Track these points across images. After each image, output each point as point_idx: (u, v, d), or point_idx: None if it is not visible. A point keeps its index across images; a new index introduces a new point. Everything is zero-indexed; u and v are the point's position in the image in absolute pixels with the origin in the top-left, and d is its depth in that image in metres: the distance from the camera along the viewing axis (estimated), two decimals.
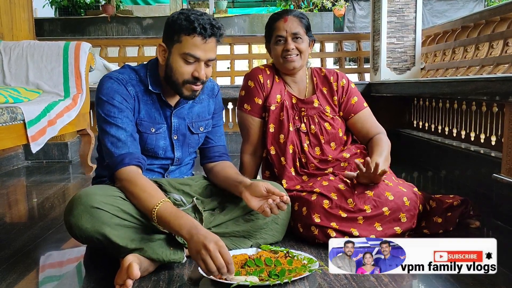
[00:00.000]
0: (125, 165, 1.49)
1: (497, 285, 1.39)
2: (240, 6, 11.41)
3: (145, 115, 1.62)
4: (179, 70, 1.53)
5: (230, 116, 4.61)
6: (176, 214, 1.38)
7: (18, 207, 2.58)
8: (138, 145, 1.57)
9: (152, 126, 1.63)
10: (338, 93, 1.98)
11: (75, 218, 1.39)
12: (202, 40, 1.50)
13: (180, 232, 1.35)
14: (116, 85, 1.57)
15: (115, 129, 1.53)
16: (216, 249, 1.28)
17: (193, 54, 1.50)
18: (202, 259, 1.28)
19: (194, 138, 1.75)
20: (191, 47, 1.50)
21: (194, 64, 1.53)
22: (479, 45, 3.50)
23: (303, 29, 1.88)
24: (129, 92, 1.58)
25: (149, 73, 1.63)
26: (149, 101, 1.63)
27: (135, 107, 1.60)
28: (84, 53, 3.26)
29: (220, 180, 1.73)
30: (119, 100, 1.55)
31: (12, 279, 1.49)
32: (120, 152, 1.51)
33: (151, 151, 1.66)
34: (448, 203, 1.90)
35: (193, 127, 1.73)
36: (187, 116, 1.71)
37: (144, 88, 1.62)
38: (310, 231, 1.71)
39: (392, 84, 3.80)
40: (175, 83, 1.56)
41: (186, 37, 1.50)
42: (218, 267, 1.28)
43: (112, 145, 1.52)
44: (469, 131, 2.98)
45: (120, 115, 1.54)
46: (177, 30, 1.51)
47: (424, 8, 9.42)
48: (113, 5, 7.90)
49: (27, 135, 2.52)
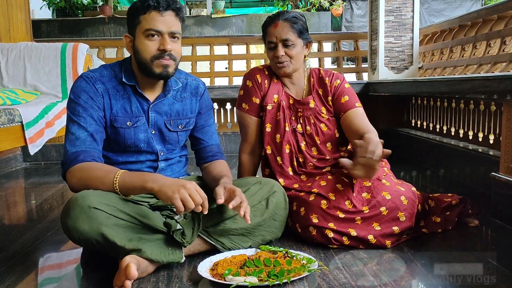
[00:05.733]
0: (79, 162, 1.50)
1: (497, 285, 1.38)
2: (238, 6, 11.40)
3: (120, 110, 1.63)
4: (145, 48, 1.56)
5: (229, 116, 4.61)
6: (135, 174, 1.46)
7: (17, 209, 2.58)
8: (97, 146, 1.58)
9: (128, 120, 1.64)
10: (331, 93, 1.97)
11: (72, 220, 1.39)
12: (158, 14, 1.54)
13: (146, 184, 1.39)
14: (84, 83, 1.60)
15: (76, 127, 1.56)
16: (193, 188, 1.36)
17: (153, 28, 1.54)
18: (181, 197, 1.34)
19: (173, 135, 1.73)
20: (150, 22, 1.54)
21: (158, 39, 1.56)
22: (477, 44, 3.50)
23: (294, 34, 1.87)
24: (97, 89, 1.60)
25: (124, 67, 1.66)
26: (124, 95, 1.64)
27: (105, 104, 1.61)
28: (81, 54, 3.25)
29: (209, 181, 1.75)
30: (84, 98, 1.58)
31: (11, 281, 1.48)
32: (75, 150, 1.53)
33: (133, 146, 1.66)
34: (446, 202, 1.91)
35: (171, 125, 1.72)
36: (166, 113, 1.70)
37: (118, 82, 1.64)
38: (308, 232, 1.71)
39: (390, 83, 3.80)
40: (145, 64, 1.58)
41: (144, 15, 1.55)
42: (197, 203, 1.36)
43: (69, 142, 1.55)
44: (467, 130, 2.98)
45: (84, 114, 1.57)
46: (135, 13, 1.57)
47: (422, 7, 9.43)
48: (111, 6, 7.90)
49: (25, 137, 2.51)
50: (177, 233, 1.49)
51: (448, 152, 3.07)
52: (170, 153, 1.75)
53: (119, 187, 1.43)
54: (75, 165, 1.49)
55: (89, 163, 1.50)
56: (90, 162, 1.51)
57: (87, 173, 1.48)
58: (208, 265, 1.48)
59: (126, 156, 1.68)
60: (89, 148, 1.54)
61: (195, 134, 1.82)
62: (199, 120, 1.81)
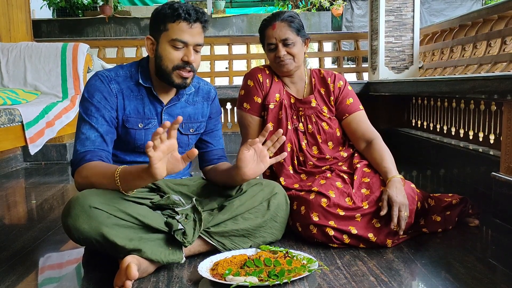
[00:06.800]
0: (86, 161, 1.50)
1: (497, 284, 1.38)
2: (238, 6, 11.39)
3: (132, 110, 1.63)
4: (168, 56, 1.56)
5: (229, 116, 4.61)
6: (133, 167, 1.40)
7: (17, 209, 2.58)
8: (107, 146, 1.58)
9: (140, 122, 1.64)
10: (334, 94, 1.99)
11: (72, 219, 1.39)
12: (187, 25, 1.54)
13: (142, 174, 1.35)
14: (99, 82, 1.60)
15: (88, 127, 1.56)
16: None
17: (181, 39, 1.54)
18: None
19: (184, 138, 1.75)
20: (178, 33, 1.54)
21: (183, 49, 1.56)
22: (477, 44, 3.50)
23: (293, 33, 1.88)
24: (112, 89, 1.60)
25: (141, 68, 1.66)
26: (138, 96, 1.64)
27: (118, 105, 1.61)
28: (82, 54, 3.26)
29: (217, 175, 1.75)
30: (98, 98, 1.58)
31: (11, 281, 1.48)
32: (84, 149, 1.53)
33: (143, 147, 1.66)
34: (447, 202, 1.91)
35: (183, 128, 1.73)
36: (178, 116, 1.70)
37: (134, 83, 1.64)
38: (309, 230, 1.71)
39: (390, 83, 3.80)
40: (165, 71, 1.58)
41: (172, 24, 1.54)
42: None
43: (79, 142, 1.55)
44: (468, 130, 2.98)
45: (96, 114, 1.57)
46: (163, 19, 1.56)
47: (422, 7, 9.42)
48: (111, 5, 7.90)
49: (25, 136, 2.52)
50: (178, 232, 1.48)
51: (448, 152, 3.07)
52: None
53: (119, 178, 1.41)
54: (83, 164, 1.50)
55: (95, 162, 1.51)
56: (96, 162, 1.51)
57: (92, 171, 1.48)
58: (209, 265, 1.48)
59: (134, 156, 1.69)
60: (98, 148, 1.54)
61: (203, 137, 1.84)
62: (209, 124, 1.83)
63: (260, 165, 1.59)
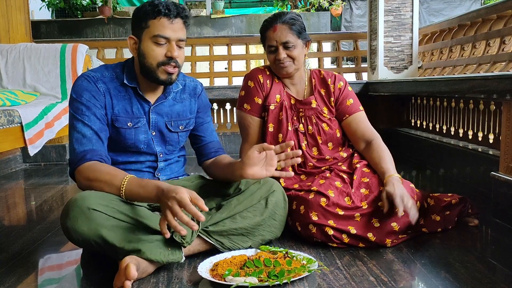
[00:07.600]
0: (87, 161, 1.51)
1: (497, 284, 1.38)
2: (237, 6, 11.39)
3: (121, 110, 1.64)
4: (151, 54, 1.57)
5: (228, 116, 4.60)
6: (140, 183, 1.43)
7: (17, 210, 2.58)
8: (103, 144, 1.59)
9: (129, 121, 1.65)
10: (335, 95, 1.99)
11: (71, 221, 1.39)
12: (168, 21, 1.55)
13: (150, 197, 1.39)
14: (85, 82, 1.61)
15: (81, 126, 1.56)
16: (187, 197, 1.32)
17: (162, 34, 1.55)
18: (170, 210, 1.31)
19: (173, 136, 1.75)
20: (160, 28, 1.55)
21: (166, 45, 1.57)
22: (476, 44, 3.50)
23: (294, 35, 1.88)
24: (99, 89, 1.61)
25: (126, 69, 1.66)
26: (126, 96, 1.65)
27: (106, 103, 1.62)
28: (81, 55, 3.26)
29: (218, 171, 1.75)
30: (87, 97, 1.58)
31: (11, 283, 1.48)
32: (82, 149, 1.53)
33: (133, 146, 1.67)
34: (446, 202, 1.91)
35: (172, 126, 1.73)
36: (167, 114, 1.72)
37: (120, 83, 1.65)
38: (308, 230, 1.71)
39: (389, 83, 3.80)
40: (150, 69, 1.58)
41: (153, 20, 1.55)
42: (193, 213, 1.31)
43: (76, 141, 1.55)
44: (467, 130, 2.98)
45: (87, 112, 1.57)
46: (143, 16, 1.57)
47: (421, 6, 9.43)
48: (110, 6, 7.89)
49: (25, 138, 2.51)
50: (177, 233, 1.48)
51: (447, 151, 3.07)
52: (169, 154, 1.76)
53: (125, 195, 1.45)
54: (83, 163, 1.50)
55: (97, 163, 1.51)
56: (98, 162, 1.51)
57: (94, 174, 1.48)
58: (208, 265, 1.48)
59: (126, 156, 1.69)
60: (96, 146, 1.55)
61: (195, 132, 1.84)
62: (198, 119, 1.83)
63: (263, 171, 1.58)
